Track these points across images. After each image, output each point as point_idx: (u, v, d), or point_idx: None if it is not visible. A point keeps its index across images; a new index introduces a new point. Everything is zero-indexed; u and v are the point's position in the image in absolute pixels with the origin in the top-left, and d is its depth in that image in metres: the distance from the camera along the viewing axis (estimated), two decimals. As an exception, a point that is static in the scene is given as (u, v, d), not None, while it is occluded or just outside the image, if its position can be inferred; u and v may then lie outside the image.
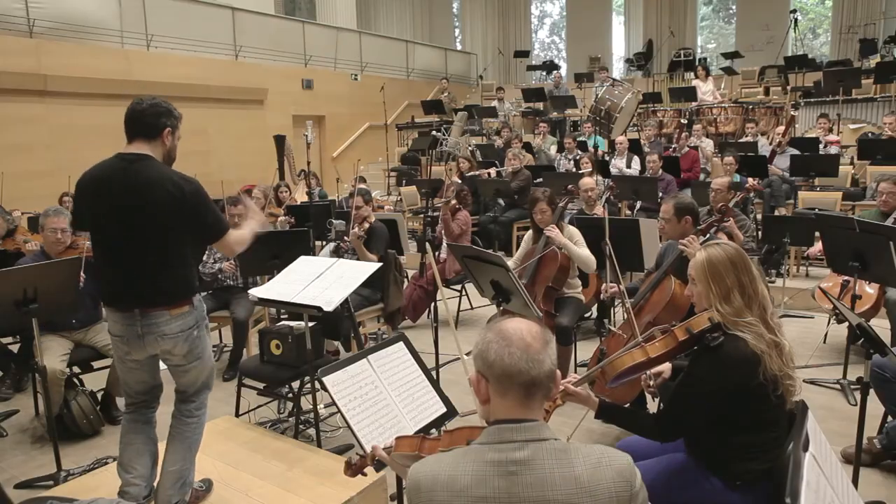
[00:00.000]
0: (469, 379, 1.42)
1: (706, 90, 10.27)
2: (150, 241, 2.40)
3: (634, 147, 8.68)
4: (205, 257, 4.84)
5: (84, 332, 3.85)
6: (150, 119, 2.42)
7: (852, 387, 3.87)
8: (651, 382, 2.34)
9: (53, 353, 3.52)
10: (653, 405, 3.40)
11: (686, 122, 9.37)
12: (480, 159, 9.50)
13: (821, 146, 7.70)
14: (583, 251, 3.97)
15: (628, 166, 8.37)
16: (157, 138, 2.43)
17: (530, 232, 4.31)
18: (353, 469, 1.76)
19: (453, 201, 5.79)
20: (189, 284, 2.51)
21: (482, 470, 1.30)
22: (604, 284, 3.71)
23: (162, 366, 2.64)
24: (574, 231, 4.12)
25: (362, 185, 7.04)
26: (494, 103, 12.80)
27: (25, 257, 4.10)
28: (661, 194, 6.89)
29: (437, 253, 5.36)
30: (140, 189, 2.35)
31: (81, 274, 3.53)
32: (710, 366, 1.93)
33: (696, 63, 13.10)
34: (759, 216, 6.32)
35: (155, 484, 2.61)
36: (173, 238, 2.44)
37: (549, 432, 1.34)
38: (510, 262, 3.46)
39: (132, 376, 2.57)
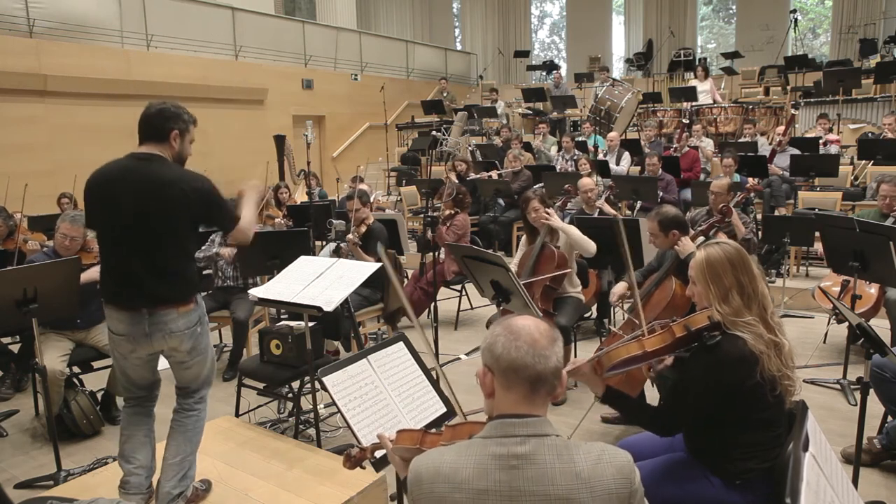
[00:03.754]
0: (476, 373, 1.44)
1: (703, 90, 10.26)
2: (162, 240, 2.44)
3: (634, 147, 8.69)
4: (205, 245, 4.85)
5: (86, 332, 3.86)
6: (156, 122, 2.48)
7: (852, 387, 3.87)
8: (651, 370, 2.36)
9: (53, 353, 3.52)
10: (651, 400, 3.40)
11: (686, 122, 9.38)
12: (480, 159, 9.50)
13: (821, 144, 7.70)
14: (581, 236, 3.95)
15: (617, 163, 8.38)
16: (166, 141, 2.49)
17: (525, 236, 4.31)
18: (353, 461, 1.77)
19: (448, 211, 5.76)
20: (195, 282, 2.59)
21: (484, 463, 1.32)
22: (614, 288, 3.72)
23: (163, 364, 2.66)
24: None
25: (361, 186, 7.02)
26: (497, 104, 12.79)
27: (35, 255, 4.10)
28: (661, 194, 6.89)
29: (436, 254, 5.36)
30: (154, 189, 2.40)
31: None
32: (707, 364, 1.93)
33: (696, 63, 13.10)
34: (759, 216, 6.32)
35: (155, 479, 2.62)
36: (184, 236, 2.51)
37: (551, 428, 1.36)
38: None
39: (134, 372, 2.61)
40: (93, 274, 3.71)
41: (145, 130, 2.49)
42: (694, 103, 9.87)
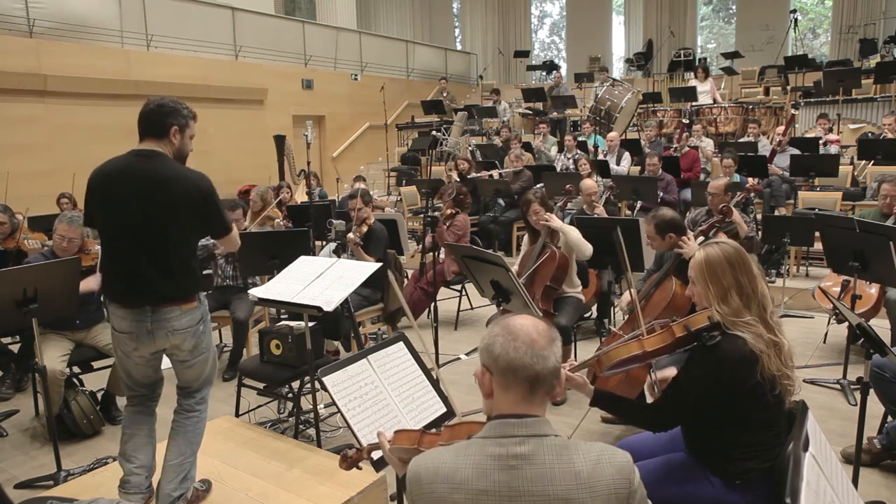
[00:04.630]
0: (474, 373, 1.44)
1: (703, 90, 10.26)
2: (165, 238, 2.44)
3: (634, 147, 8.69)
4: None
5: (86, 332, 3.85)
6: (155, 119, 2.48)
7: (852, 387, 3.87)
8: (656, 388, 2.35)
9: (53, 353, 3.51)
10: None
11: (686, 122, 9.38)
12: (480, 159, 9.49)
13: (821, 144, 7.70)
14: (579, 238, 3.97)
15: (617, 163, 8.39)
16: (165, 137, 2.49)
17: (527, 237, 4.31)
18: (349, 462, 1.77)
19: (449, 211, 5.76)
20: (198, 279, 2.59)
21: (483, 463, 1.32)
22: (622, 296, 3.74)
23: (165, 364, 2.66)
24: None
25: (361, 185, 7.02)
26: (499, 104, 12.76)
27: (33, 255, 4.10)
28: (661, 194, 6.89)
29: (436, 253, 5.36)
30: (157, 185, 2.40)
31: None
32: (707, 364, 1.93)
33: (696, 63, 13.09)
34: (759, 216, 6.32)
35: (155, 479, 2.62)
36: (187, 234, 2.51)
37: (551, 428, 1.36)
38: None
39: (137, 371, 2.60)
40: (90, 284, 3.72)
41: (145, 127, 2.49)
42: (694, 103, 9.87)
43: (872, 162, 7.29)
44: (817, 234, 5.28)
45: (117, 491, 2.61)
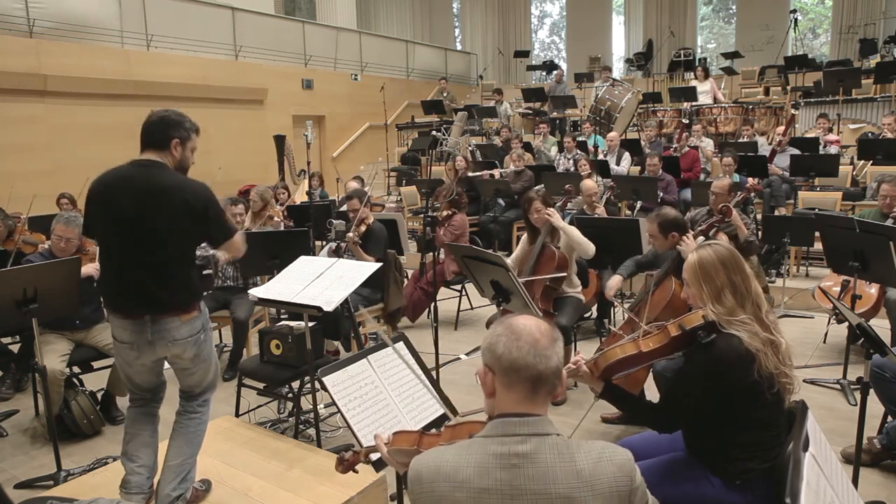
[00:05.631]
0: (476, 373, 1.45)
1: (703, 90, 10.26)
2: (163, 247, 2.44)
3: (634, 147, 8.69)
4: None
5: (86, 332, 3.85)
6: (156, 131, 2.48)
7: (852, 387, 3.87)
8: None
9: (53, 354, 3.52)
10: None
11: (686, 122, 9.37)
12: (480, 159, 9.49)
13: (821, 146, 7.70)
14: (581, 237, 3.98)
15: (617, 163, 8.39)
16: (166, 149, 2.49)
17: (525, 235, 4.31)
18: (345, 465, 1.75)
19: (445, 212, 5.76)
20: (197, 289, 2.59)
21: (485, 462, 1.32)
22: (608, 282, 3.77)
23: (167, 365, 2.66)
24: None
25: (358, 185, 7.01)
26: (500, 105, 12.76)
27: (32, 255, 4.11)
28: (661, 194, 6.89)
29: (436, 254, 5.35)
30: (155, 195, 2.40)
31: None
32: (704, 363, 1.94)
33: (696, 63, 13.08)
34: (759, 216, 6.32)
35: (156, 480, 2.62)
36: (185, 243, 2.51)
37: (552, 427, 1.36)
38: (507, 262, 3.46)
39: (139, 377, 2.62)
40: (88, 269, 3.72)
41: (146, 139, 2.50)
42: (694, 103, 9.87)
43: (872, 162, 7.29)
44: (817, 234, 5.28)
45: (118, 491, 2.61)
